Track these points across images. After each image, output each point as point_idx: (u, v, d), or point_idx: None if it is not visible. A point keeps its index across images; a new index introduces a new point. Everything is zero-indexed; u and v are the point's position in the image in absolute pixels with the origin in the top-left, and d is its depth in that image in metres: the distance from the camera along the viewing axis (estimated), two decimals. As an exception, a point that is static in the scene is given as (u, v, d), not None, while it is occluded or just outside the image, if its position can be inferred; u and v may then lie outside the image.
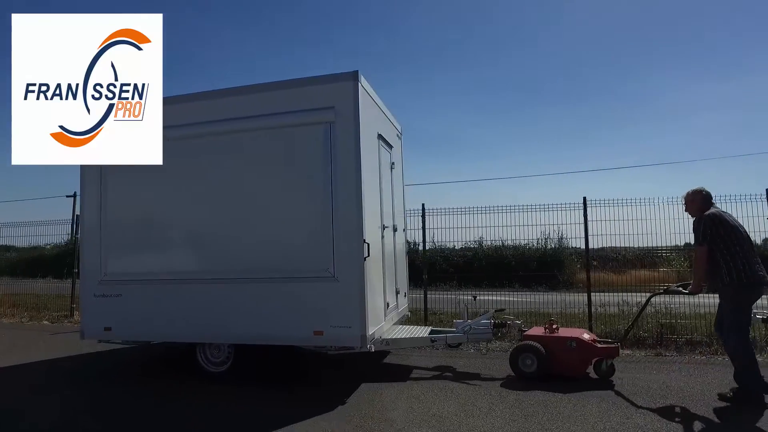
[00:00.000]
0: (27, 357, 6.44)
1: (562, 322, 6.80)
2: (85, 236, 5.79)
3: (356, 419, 3.92)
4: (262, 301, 4.88)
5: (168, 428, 3.97)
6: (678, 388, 4.50)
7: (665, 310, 6.74)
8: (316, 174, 4.73)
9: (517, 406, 4.12)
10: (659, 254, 8.51)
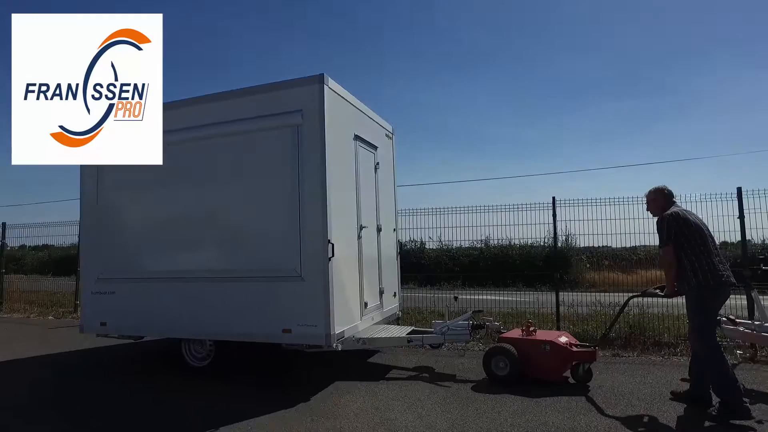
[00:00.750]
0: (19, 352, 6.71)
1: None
2: (84, 236, 6.13)
3: (307, 419, 3.95)
4: (235, 300, 5.02)
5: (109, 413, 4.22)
6: (628, 391, 4.40)
7: (640, 311, 6.62)
8: (285, 176, 4.80)
9: (472, 410, 4.06)
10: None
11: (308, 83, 4.73)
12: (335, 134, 4.89)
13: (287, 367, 5.63)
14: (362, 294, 5.40)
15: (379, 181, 6.18)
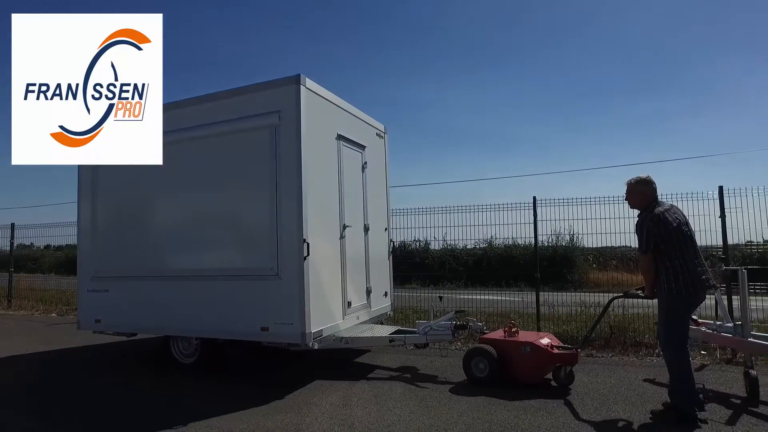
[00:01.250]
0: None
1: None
2: (81, 235, 6.23)
3: (274, 415, 3.99)
4: (217, 298, 5.08)
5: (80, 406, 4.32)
6: (607, 393, 4.34)
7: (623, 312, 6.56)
8: (264, 177, 4.83)
9: (439, 410, 4.02)
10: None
11: (285, 84, 4.74)
12: (314, 134, 4.89)
13: (272, 365, 5.65)
14: (345, 293, 5.39)
15: (367, 181, 6.16)
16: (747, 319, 4.10)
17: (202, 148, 5.23)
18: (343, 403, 4.25)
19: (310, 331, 4.62)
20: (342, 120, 5.58)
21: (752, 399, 3.97)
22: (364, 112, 6.24)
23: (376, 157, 6.52)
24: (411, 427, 3.70)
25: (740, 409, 3.83)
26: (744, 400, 4.01)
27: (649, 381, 4.66)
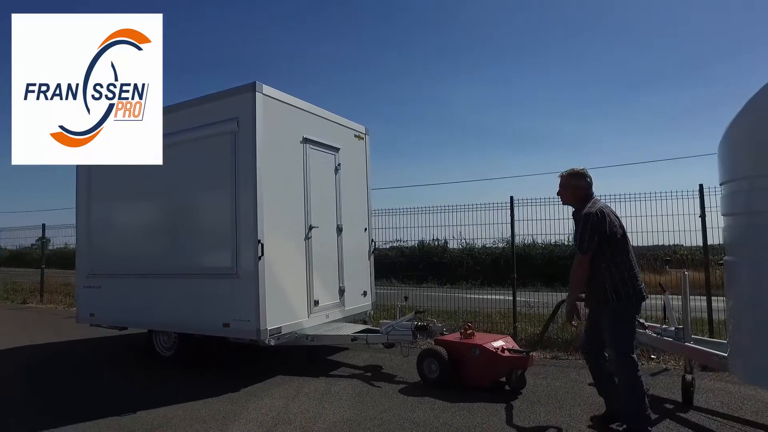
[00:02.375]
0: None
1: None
2: (79, 236, 6.76)
3: (222, 405, 4.26)
4: (187, 295, 5.42)
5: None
6: (556, 396, 4.25)
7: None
8: (225, 180, 5.10)
9: (377, 407, 4.15)
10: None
11: (242, 92, 5.00)
12: (273, 138, 5.11)
13: (243, 359, 5.94)
14: (311, 292, 5.59)
15: (341, 182, 6.32)
16: (688, 323, 4.00)
17: (173, 156, 5.51)
18: (291, 397, 4.48)
19: (266, 328, 4.85)
20: (309, 123, 5.76)
21: (686, 405, 3.89)
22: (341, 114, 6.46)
23: (354, 158, 6.66)
24: (330, 420, 3.88)
25: (666, 414, 3.78)
26: (677, 406, 3.93)
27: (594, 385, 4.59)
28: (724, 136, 3.25)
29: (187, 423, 3.84)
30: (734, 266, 3.18)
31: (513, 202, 7.15)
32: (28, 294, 12.59)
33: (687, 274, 4.12)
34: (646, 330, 4.44)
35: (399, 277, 12.62)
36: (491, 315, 7.57)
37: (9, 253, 21.36)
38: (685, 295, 4.09)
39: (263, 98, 4.98)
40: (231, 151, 5.03)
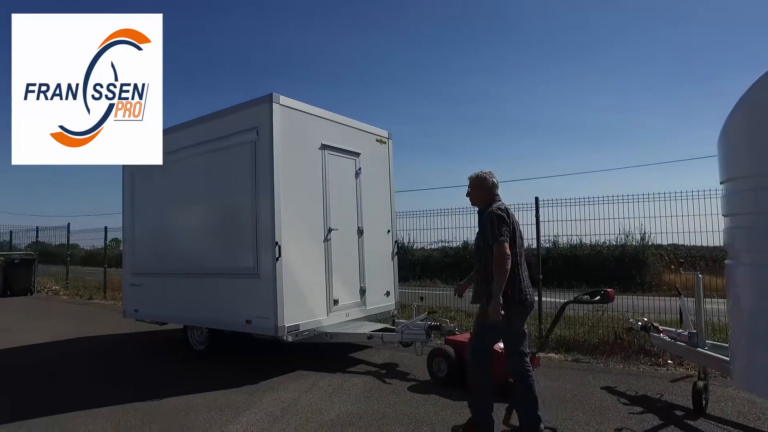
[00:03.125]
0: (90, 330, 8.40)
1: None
2: (125, 236, 7.39)
3: (239, 396, 4.54)
4: (214, 293, 5.81)
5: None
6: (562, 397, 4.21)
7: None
8: (247, 187, 5.42)
9: (383, 403, 4.29)
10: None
11: (260, 103, 5.28)
12: (291, 146, 5.37)
13: (267, 355, 6.25)
14: (330, 292, 5.81)
15: (362, 186, 6.51)
16: (702, 327, 3.85)
17: (202, 164, 5.98)
18: (305, 390, 4.71)
19: (284, 325, 5.11)
20: (327, 130, 5.99)
21: (697, 412, 3.74)
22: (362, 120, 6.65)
23: (376, 162, 6.83)
24: (335, 412, 4.07)
25: (672, 421, 3.66)
26: (687, 413, 3.79)
27: (608, 388, 4.52)
28: (722, 131, 3.13)
29: (205, 410, 4.16)
30: (733, 270, 3.07)
31: (538, 202, 7.05)
32: (94, 291, 13.76)
33: (701, 276, 3.96)
34: (660, 334, 4.32)
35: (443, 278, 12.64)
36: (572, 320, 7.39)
37: (84, 253, 23.33)
38: (698, 298, 3.95)
39: (280, 108, 5.26)
40: (251, 159, 5.35)
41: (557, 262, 15.40)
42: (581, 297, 4.30)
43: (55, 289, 15.28)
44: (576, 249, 16.19)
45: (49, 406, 4.33)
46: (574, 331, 6.44)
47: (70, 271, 15.94)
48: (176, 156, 6.19)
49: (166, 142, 6.30)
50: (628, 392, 4.40)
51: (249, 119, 5.39)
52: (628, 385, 4.59)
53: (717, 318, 5.65)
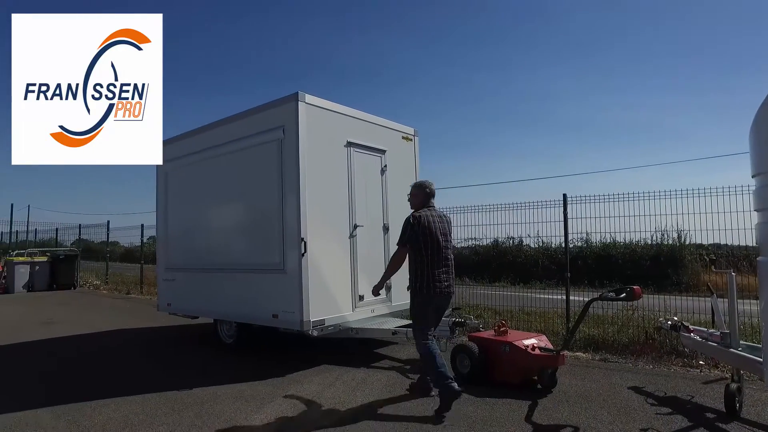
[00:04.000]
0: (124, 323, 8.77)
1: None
2: (159, 233, 7.66)
3: (262, 387, 4.66)
4: (242, 288, 5.96)
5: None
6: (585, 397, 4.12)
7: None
8: (273, 184, 5.52)
9: (392, 397, 4.32)
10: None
11: (286, 102, 5.38)
12: (316, 144, 5.45)
13: (294, 348, 6.36)
14: (356, 287, 5.87)
15: (388, 183, 6.54)
16: (735, 327, 3.71)
17: (230, 163, 6.13)
18: (329, 384, 4.78)
19: (309, 319, 5.20)
20: (352, 128, 6.04)
21: (729, 415, 3.61)
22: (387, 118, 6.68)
23: (402, 159, 6.85)
24: (356, 405, 4.14)
25: (703, 423, 3.55)
26: (720, 416, 3.66)
27: (635, 389, 4.41)
28: (753, 123, 3.01)
29: (231, 401, 4.29)
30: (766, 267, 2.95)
31: (566, 199, 6.93)
32: (131, 286, 14.30)
33: (734, 274, 3.82)
34: (690, 334, 4.19)
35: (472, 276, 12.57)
36: (547, 314, 7.36)
37: (123, 250, 24.24)
38: (731, 297, 3.81)
39: (305, 107, 5.34)
40: (278, 157, 5.45)
41: (587, 260, 15.13)
42: (606, 294, 4.21)
43: (96, 284, 15.97)
44: (609, 247, 15.84)
45: (85, 392, 4.55)
46: (603, 330, 6.30)
47: (110, 267, 16.62)
48: (205, 155, 6.39)
49: (195, 142, 6.59)
50: (656, 393, 4.29)
51: (275, 118, 5.50)
52: (657, 386, 4.47)
53: (757, 319, 5.43)
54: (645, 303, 6.38)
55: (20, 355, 6.41)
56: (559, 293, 8.01)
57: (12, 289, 14.19)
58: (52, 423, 3.84)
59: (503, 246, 16.04)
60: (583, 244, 15.36)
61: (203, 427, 3.69)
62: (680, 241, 14.35)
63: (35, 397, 4.49)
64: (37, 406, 4.20)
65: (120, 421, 3.83)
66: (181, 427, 3.70)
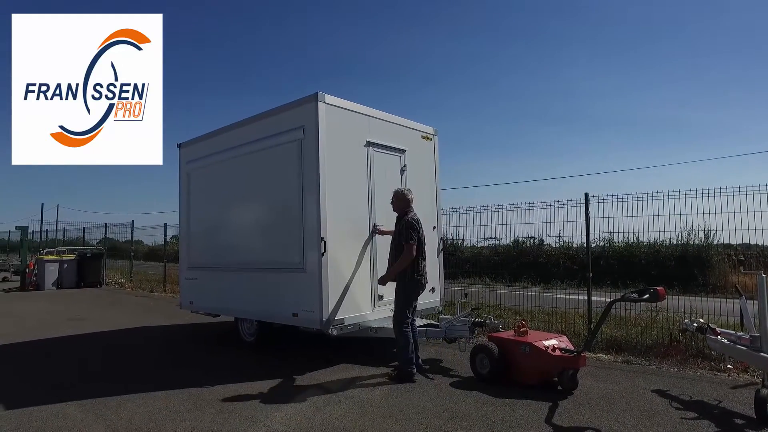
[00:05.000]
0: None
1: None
2: (181, 232, 7.82)
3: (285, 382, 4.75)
4: (263, 287, 6.03)
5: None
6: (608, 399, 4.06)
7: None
8: (294, 183, 5.58)
9: (422, 398, 4.30)
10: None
11: (306, 102, 5.42)
12: (336, 143, 5.48)
13: (314, 347, 6.40)
14: (375, 287, 5.87)
15: (407, 182, 6.53)
16: (766, 330, 3.60)
17: (251, 163, 6.21)
18: (348, 382, 4.81)
19: (328, 319, 5.23)
20: (372, 128, 6.05)
21: (761, 421, 3.50)
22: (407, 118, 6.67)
23: (422, 159, 6.83)
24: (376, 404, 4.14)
25: (732, 430, 3.45)
26: (750, 422, 3.56)
27: (659, 392, 4.32)
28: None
29: (251, 399, 4.34)
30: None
31: (588, 198, 6.81)
32: (154, 284, 14.60)
33: (764, 276, 3.71)
34: (717, 336, 4.09)
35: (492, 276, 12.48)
36: (567, 314, 7.27)
37: (147, 249, 24.77)
38: (762, 299, 3.70)
39: (325, 107, 5.37)
40: (298, 157, 5.50)
41: (609, 260, 14.87)
42: (629, 295, 4.14)
43: (121, 281, 16.36)
44: (632, 247, 15.56)
45: (111, 388, 4.66)
46: (626, 331, 6.20)
47: (134, 265, 16.99)
48: (226, 155, 6.49)
49: (216, 143, 6.69)
50: (681, 396, 4.20)
51: (296, 118, 5.55)
52: (682, 389, 4.38)
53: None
54: (669, 304, 6.27)
55: (52, 350, 6.61)
56: (581, 293, 7.88)
57: (43, 286, 14.63)
58: (80, 417, 3.95)
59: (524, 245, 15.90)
60: (606, 244, 15.14)
61: (224, 424, 3.75)
62: (707, 240, 14.02)
63: (65, 391, 4.63)
64: (67, 400, 4.33)
65: (144, 417, 3.92)
66: (203, 423, 3.76)
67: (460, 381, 4.83)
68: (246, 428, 3.67)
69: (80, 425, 3.77)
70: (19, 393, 4.64)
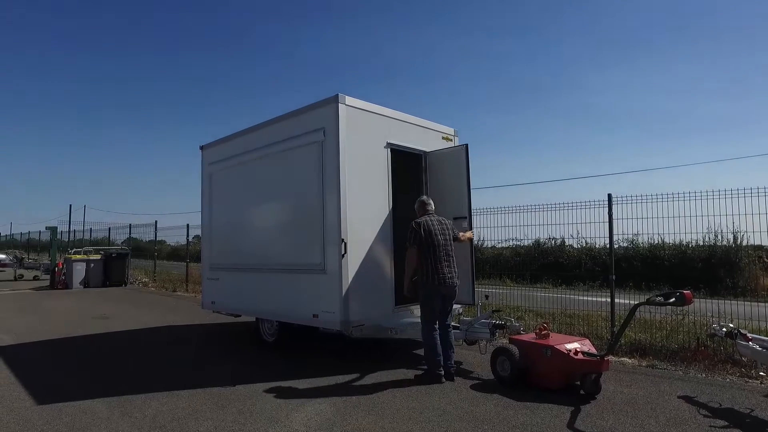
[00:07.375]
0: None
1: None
2: (203, 233, 7.96)
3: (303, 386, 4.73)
4: (284, 288, 6.08)
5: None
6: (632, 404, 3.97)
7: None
8: (314, 184, 5.62)
9: (441, 401, 4.28)
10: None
11: (326, 104, 5.46)
12: (357, 145, 5.49)
13: (335, 348, 6.45)
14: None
15: (429, 183, 6.52)
16: (798, 337, 3.48)
17: (273, 164, 6.27)
18: (369, 383, 4.82)
19: (349, 320, 5.25)
20: (393, 129, 6.05)
21: (792, 430, 3.39)
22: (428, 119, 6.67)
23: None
24: (396, 407, 4.12)
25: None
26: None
27: (686, 398, 4.21)
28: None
29: (272, 399, 4.39)
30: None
31: (611, 199, 6.69)
32: (177, 284, 14.87)
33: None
34: (749, 342, 3.97)
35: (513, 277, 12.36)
36: (590, 317, 7.16)
37: (170, 249, 25.24)
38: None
39: (346, 108, 5.39)
40: (319, 158, 5.53)
41: (632, 261, 14.61)
42: (654, 299, 4.05)
43: (145, 281, 16.71)
44: (657, 249, 15.27)
45: (136, 386, 4.76)
46: (651, 335, 6.07)
47: (157, 265, 17.33)
48: (247, 157, 6.58)
49: (237, 145, 6.80)
50: (710, 404, 4.09)
51: (316, 120, 5.59)
52: (711, 396, 4.27)
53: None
54: (696, 307, 6.10)
55: (80, 347, 6.79)
56: (603, 296, 7.74)
57: (71, 285, 15.04)
58: (106, 413, 4.05)
59: (545, 246, 15.74)
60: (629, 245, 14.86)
61: (246, 423, 3.79)
62: (736, 242, 13.68)
63: (92, 387, 4.75)
64: (94, 396, 4.44)
65: (168, 415, 3.99)
66: (225, 423, 3.81)
67: (481, 384, 4.80)
68: (267, 428, 3.71)
69: (107, 422, 3.85)
70: (47, 388, 4.77)
